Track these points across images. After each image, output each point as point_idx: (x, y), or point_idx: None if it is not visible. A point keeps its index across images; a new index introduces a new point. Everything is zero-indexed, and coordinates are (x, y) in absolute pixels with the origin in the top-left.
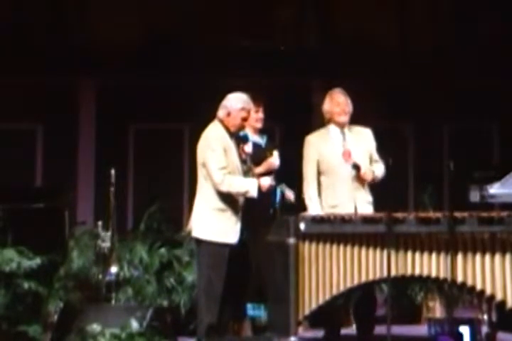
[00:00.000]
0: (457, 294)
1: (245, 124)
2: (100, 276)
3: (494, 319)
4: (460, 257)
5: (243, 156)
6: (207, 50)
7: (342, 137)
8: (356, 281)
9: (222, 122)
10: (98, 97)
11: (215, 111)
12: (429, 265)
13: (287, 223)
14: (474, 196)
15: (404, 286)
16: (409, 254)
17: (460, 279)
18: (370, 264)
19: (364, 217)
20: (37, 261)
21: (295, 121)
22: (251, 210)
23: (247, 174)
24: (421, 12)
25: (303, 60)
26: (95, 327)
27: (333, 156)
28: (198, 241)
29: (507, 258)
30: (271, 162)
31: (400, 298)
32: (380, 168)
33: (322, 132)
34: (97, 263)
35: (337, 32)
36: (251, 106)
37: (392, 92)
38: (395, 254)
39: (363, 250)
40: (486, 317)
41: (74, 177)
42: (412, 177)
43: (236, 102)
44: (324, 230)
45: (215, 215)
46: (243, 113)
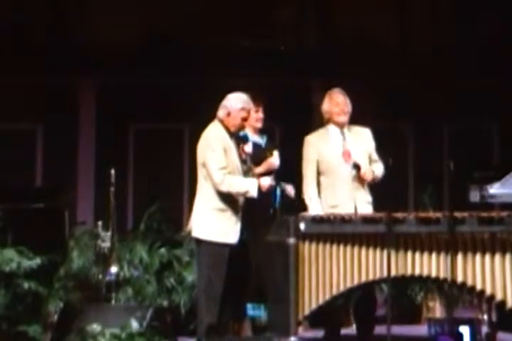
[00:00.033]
0: (457, 294)
1: (245, 124)
2: (100, 276)
3: (494, 319)
4: (460, 257)
5: (243, 156)
6: (207, 50)
7: (342, 137)
8: (356, 281)
9: (222, 122)
10: (98, 97)
11: (215, 111)
12: (429, 265)
13: (287, 223)
14: (474, 196)
15: (404, 286)
16: (409, 254)
17: (460, 279)
18: (370, 264)
19: (364, 217)
20: (37, 261)
21: (295, 121)
22: (251, 210)
23: (247, 174)
24: (421, 12)
25: (303, 60)
26: (95, 327)
27: (332, 156)
28: (198, 241)
29: (507, 258)
30: (271, 162)
31: (400, 298)
32: (380, 168)
33: (322, 132)
34: (97, 263)
35: (337, 32)
36: (251, 106)
37: (392, 92)
38: (395, 254)
39: (363, 250)
40: (486, 317)
41: (74, 177)
42: (412, 177)
43: (236, 102)
44: (324, 230)
45: (215, 215)
46: (243, 113)
